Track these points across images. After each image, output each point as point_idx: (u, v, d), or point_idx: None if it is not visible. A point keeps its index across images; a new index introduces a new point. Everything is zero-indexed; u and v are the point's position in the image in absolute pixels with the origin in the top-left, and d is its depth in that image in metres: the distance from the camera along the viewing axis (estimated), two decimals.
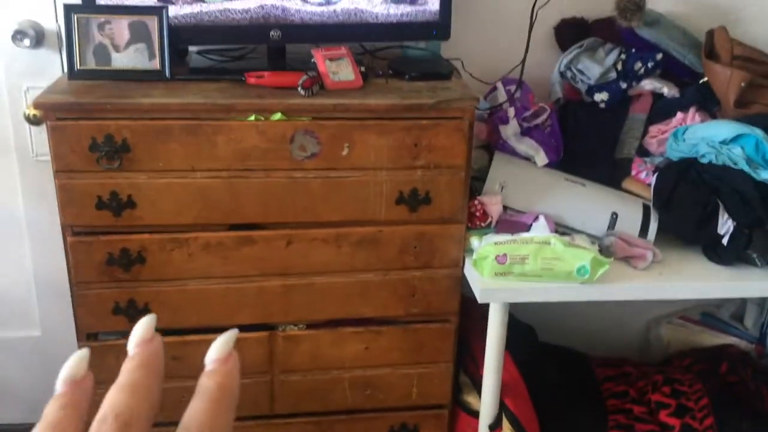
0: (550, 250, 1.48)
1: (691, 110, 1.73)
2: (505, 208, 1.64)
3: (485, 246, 1.51)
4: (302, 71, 1.50)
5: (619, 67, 1.76)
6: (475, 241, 1.56)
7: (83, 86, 1.47)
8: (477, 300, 1.52)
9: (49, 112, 1.39)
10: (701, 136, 1.62)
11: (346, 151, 1.48)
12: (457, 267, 1.61)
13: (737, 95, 1.69)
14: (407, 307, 1.64)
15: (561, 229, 1.63)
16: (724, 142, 1.58)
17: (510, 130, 1.73)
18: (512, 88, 1.76)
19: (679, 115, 1.74)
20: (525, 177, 1.70)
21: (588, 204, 1.68)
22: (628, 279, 1.55)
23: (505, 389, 1.64)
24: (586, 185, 1.72)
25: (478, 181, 1.69)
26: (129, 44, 1.49)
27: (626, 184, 1.76)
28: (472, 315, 1.74)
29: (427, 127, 1.49)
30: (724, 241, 1.57)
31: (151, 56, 1.50)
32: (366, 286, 1.60)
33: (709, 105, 1.76)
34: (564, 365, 1.97)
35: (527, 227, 1.58)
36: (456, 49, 1.76)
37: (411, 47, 1.78)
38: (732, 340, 2.10)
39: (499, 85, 1.80)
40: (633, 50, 1.77)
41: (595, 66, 1.76)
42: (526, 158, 1.73)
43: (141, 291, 1.52)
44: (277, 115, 1.44)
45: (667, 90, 1.77)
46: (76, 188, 1.44)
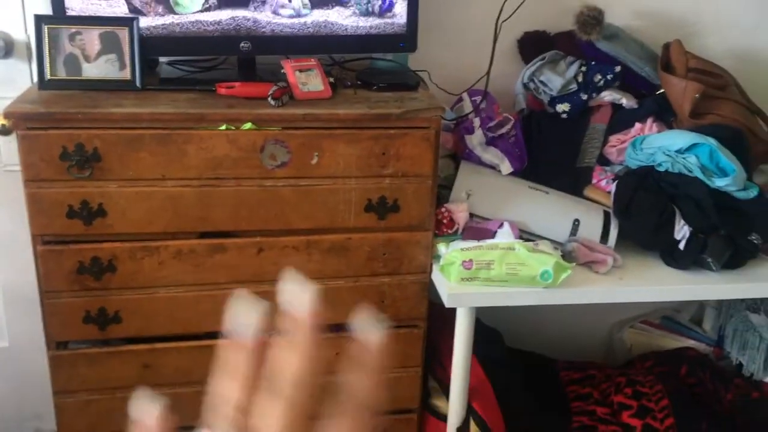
0: (514, 256, 1.52)
1: (649, 121, 1.80)
2: (471, 215, 1.69)
3: (452, 252, 1.55)
4: (272, 82, 1.53)
5: (580, 79, 1.83)
6: (442, 248, 1.60)
7: (54, 96, 1.48)
8: (444, 305, 1.55)
9: (19, 121, 1.40)
10: (658, 146, 1.68)
11: (315, 160, 1.51)
12: (424, 273, 1.65)
13: (692, 106, 1.76)
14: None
15: (525, 235, 1.67)
16: (680, 151, 1.65)
17: (476, 140, 1.78)
18: (478, 98, 1.81)
19: (637, 125, 1.80)
20: (490, 185, 1.75)
21: (551, 211, 1.73)
22: (590, 283, 1.60)
23: (472, 393, 1.68)
24: (549, 193, 1.77)
25: (444, 189, 1.73)
26: (100, 55, 1.51)
27: (587, 191, 1.82)
28: (439, 320, 1.77)
29: (395, 137, 1.53)
30: (681, 246, 1.63)
31: (122, 66, 1.52)
32: (336, 293, 1.63)
33: (666, 115, 1.83)
34: (530, 369, 2.02)
35: (492, 234, 1.62)
36: (423, 61, 1.81)
37: (379, 59, 1.82)
38: (691, 343, 2.17)
39: (465, 96, 1.85)
40: (593, 63, 1.84)
41: (556, 78, 1.82)
42: (492, 167, 1.78)
43: (112, 299, 1.53)
44: (247, 125, 1.47)
45: (626, 101, 1.84)
46: (46, 197, 1.44)
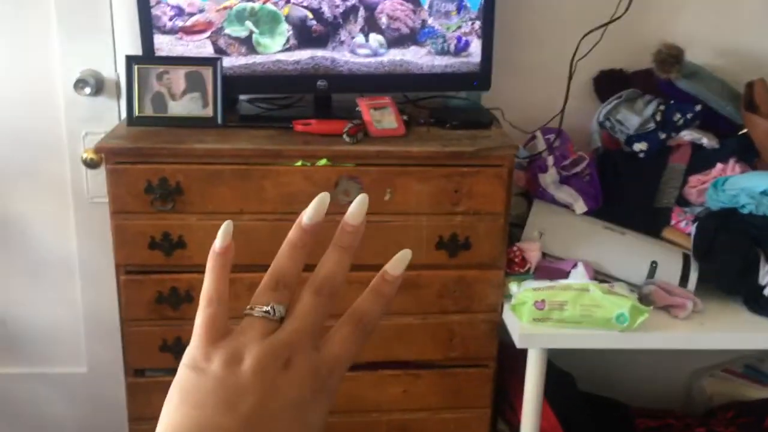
0: (588, 297, 1.49)
1: (731, 161, 1.74)
2: (544, 254, 1.66)
3: (524, 292, 1.53)
4: (347, 119, 1.56)
5: (658, 118, 1.79)
6: (513, 287, 1.58)
7: (140, 132, 1.55)
8: (515, 345, 1.53)
9: (109, 155, 1.47)
10: (741, 187, 1.63)
11: (388, 197, 1.53)
12: (495, 312, 1.63)
13: None
14: (445, 350, 1.65)
15: (600, 276, 1.64)
16: (765, 193, 1.59)
17: (549, 178, 1.76)
18: (551, 137, 1.79)
19: (719, 165, 1.75)
20: (564, 224, 1.72)
21: (627, 252, 1.69)
22: (668, 328, 1.55)
23: None
24: (625, 233, 1.73)
25: (517, 228, 1.72)
26: (185, 93, 1.58)
27: (666, 233, 1.77)
28: (510, 361, 1.74)
29: (468, 174, 1.53)
30: (766, 291, 1.56)
31: (205, 104, 1.58)
32: (405, 329, 1.63)
33: (749, 156, 1.77)
34: (604, 415, 1.95)
35: (566, 274, 1.59)
36: (496, 99, 1.81)
37: (452, 97, 1.84)
38: None
39: (539, 134, 1.84)
40: (672, 101, 1.80)
41: (634, 117, 1.79)
42: (565, 206, 1.76)
43: (188, 329, 1.55)
44: (322, 161, 1.50)
45: (707, 141, 1.79)
46: (130, 229, 1.50)
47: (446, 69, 1.68)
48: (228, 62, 1.61)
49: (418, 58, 1.66)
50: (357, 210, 0.47)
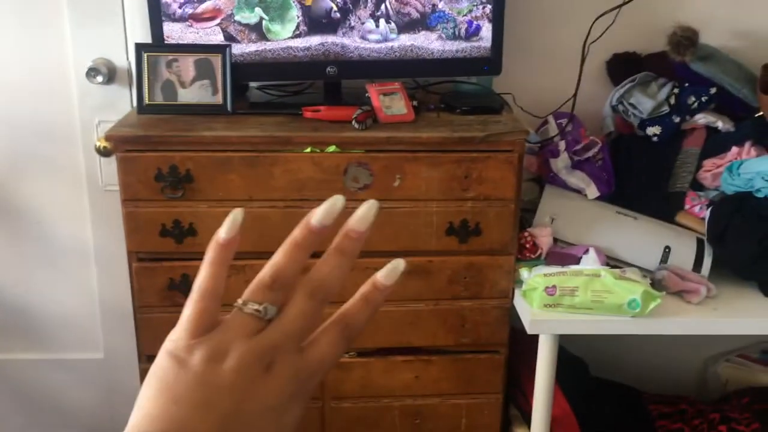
0: (600, 283, 1.48)
1: (747, 144, 1.71)
2: (555, 240, 1.66)
3: (535, 277, 1.52)
4: (357, 105, 1.56)
5: (672, 102, 1.77)
6: (524, 273, 1.57)
7: (151, 120, 1.56)
8: (526, 331, 1.52)
9: (119, 144, 1.48)
10: (757, 171, 1.60)
11: (397, 183, 1.52)
12: (506, 298, 1.62)
13: None
14: (457, 337, 1.65)
15: (612, 262, 1.62)
16: None
17: (560, 163, 1.74)
18: (563, 121, 1.78)
19: (734, 149, 1.72)
20: (575, 209, 1.71)
21: (640, 237, 1.68)
22: (681, 314, 1.53)
23: (555, 424, 1.63)
24: (638, 218, 1.71)
25: (528, 213, 1.71)
26: (194, 80, 1.58)
27: (680, 218, 1.75)
28: (521, 347, 1.74)
29: (478, 160, 1.52)
30: None
31: (215, 92, 1.58)
32: (416, 316, 1.63)
33: (765, 139, 1.74)
34: (617, 400, 1.94)
35: (577, 260, 1.58)
36: (507, 84, 1.80)
37: (463, 82, 1.82)
38: None
39: (551, 119, 1.82)
40: (686, 84, 1.77)
41: (647, 100, 1.77)
42: (577, 191, 1.74)
43: None
44: (331, 148, 1.50)
45: (722, 124, 1.76)
46: (141, 216, 1.51)
47: (457, 54, 1.66)
48: (238, 49, 1.61)
49: (429, 43, 1.65)
50: (364, 215, 0.45)
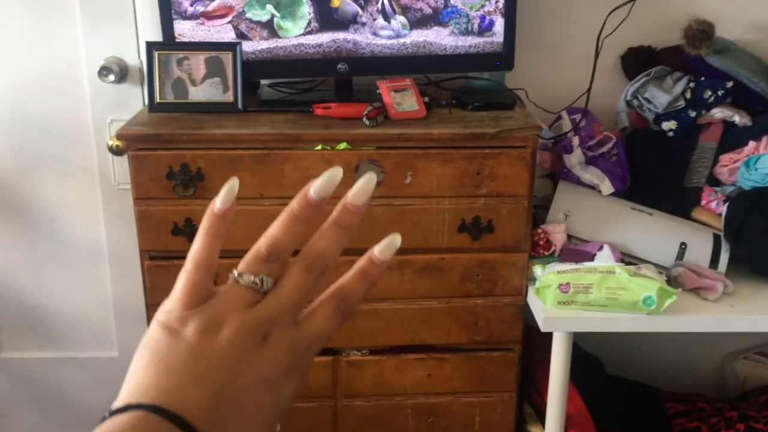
0: (614, 280, 1.46)
1: (764, 139, 1.69)
2: (569, 237, 1.64)
3: (548, 274, 1.50)
4: (368, 102, 1.55)
5: (688, 96, 1.74)
6: (538, 270, 1.56)
7: (162, 118, 1.55)
8: (540, 329, 1.51)
9: (130, 142, 1.48)
10: None
11: (409, 180, 1.51)
12: (519, 295, 1.61)
13: None
14: (470, 334, 1.64)
15: (627, 258, 1.61)
16: None
17: (574, 159, 1.73)
18: (577, 117, 1.76)
19: (751, 143, 1.70)
20: (589, 206, 1.69)
21: (655, 233, 1.65)
22: (697, 311, 1.51)
23: (570, 422, 1.62)
24: (653, 214, 1.69)
25: (542, 210, 1.69)
26: (205, 78, 1.58)
27: (696, 213, 1.73)
28: (535, 345, 1.72)
29: (490, 156, 1.51)
30: None
31: (225, 89, 1.58)
32: (429, 313, 1.62)
33: None
34: (633, 399, 1.92)
35: (591, 256, 1.57)
36: (520, 79, 1.78)
37: (475, 77, 1.81)
38: None
39: (564, 114, 1.80)
40: (702, 78, 1.75)
41: (663, 94, 1.75)
42: (591, 187, 1.72)
43: None
44: (342, 145, 1.49)
45: (739, 118, 1.74)
46: (153, 215, 1.52)
47: (470, 49, 1.65)
48: (249, 46, 1.60)
49: (441, 38, 1.64)
50: (362, 189, 0.44)
